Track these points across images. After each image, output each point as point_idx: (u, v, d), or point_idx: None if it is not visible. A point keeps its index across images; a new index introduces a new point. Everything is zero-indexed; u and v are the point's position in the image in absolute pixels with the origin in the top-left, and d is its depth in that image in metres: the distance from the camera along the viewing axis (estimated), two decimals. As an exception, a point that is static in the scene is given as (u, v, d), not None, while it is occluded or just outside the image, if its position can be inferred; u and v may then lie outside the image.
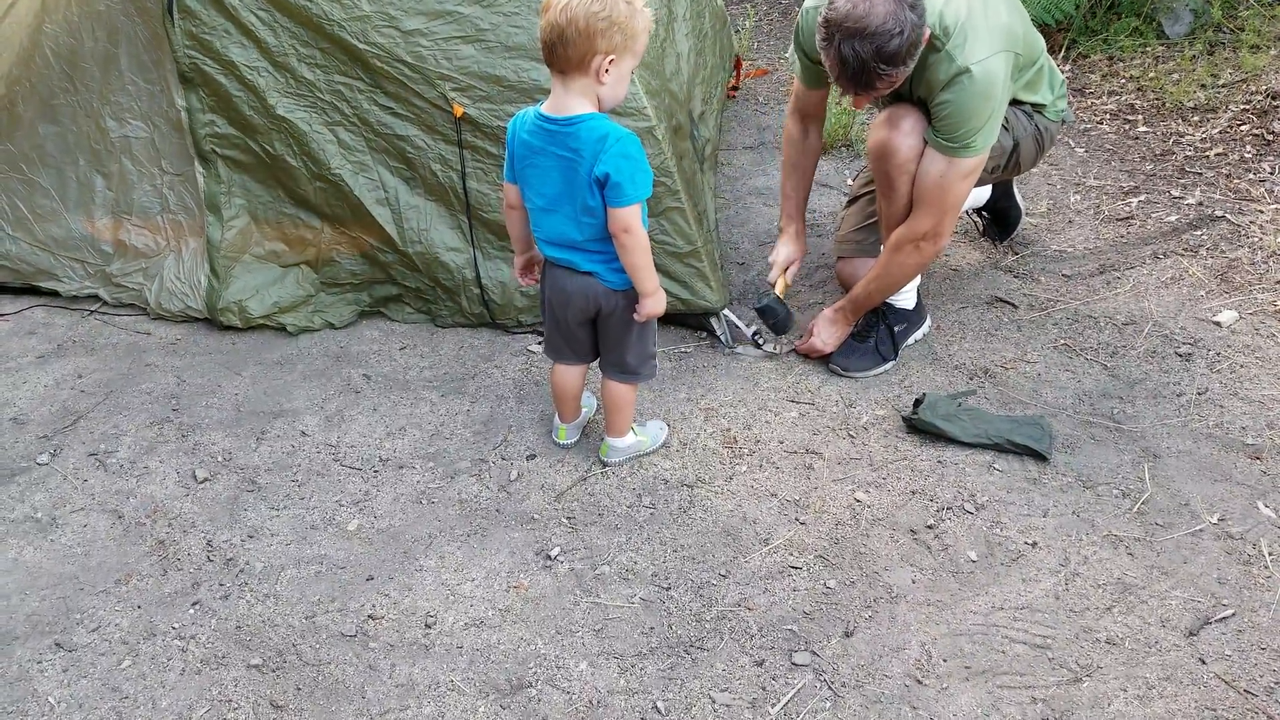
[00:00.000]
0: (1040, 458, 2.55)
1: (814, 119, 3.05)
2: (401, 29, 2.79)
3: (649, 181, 2.13)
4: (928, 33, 2.43)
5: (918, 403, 2.69)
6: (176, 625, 2.19)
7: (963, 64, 2.46)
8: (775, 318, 2.94)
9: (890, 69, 2.37)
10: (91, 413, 2.86)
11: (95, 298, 3.30)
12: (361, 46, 2.81)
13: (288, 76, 2.92)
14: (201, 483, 2.60)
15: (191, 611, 2.23)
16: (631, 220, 2.13)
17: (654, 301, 2.27)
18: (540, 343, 3.06)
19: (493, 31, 2.77)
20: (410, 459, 2.66)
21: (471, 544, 2.38)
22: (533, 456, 2.66)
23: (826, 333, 2.96)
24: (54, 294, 3.31)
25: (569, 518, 2.45)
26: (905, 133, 2.62)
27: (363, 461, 2.66)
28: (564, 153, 2.12)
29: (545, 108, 2.13)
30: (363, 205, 3.02)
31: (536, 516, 2.46)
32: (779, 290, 3.00)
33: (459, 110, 2.83)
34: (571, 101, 2.08)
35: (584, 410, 2.72)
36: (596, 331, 2.44)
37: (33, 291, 3.34)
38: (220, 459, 2.69)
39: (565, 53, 2.00)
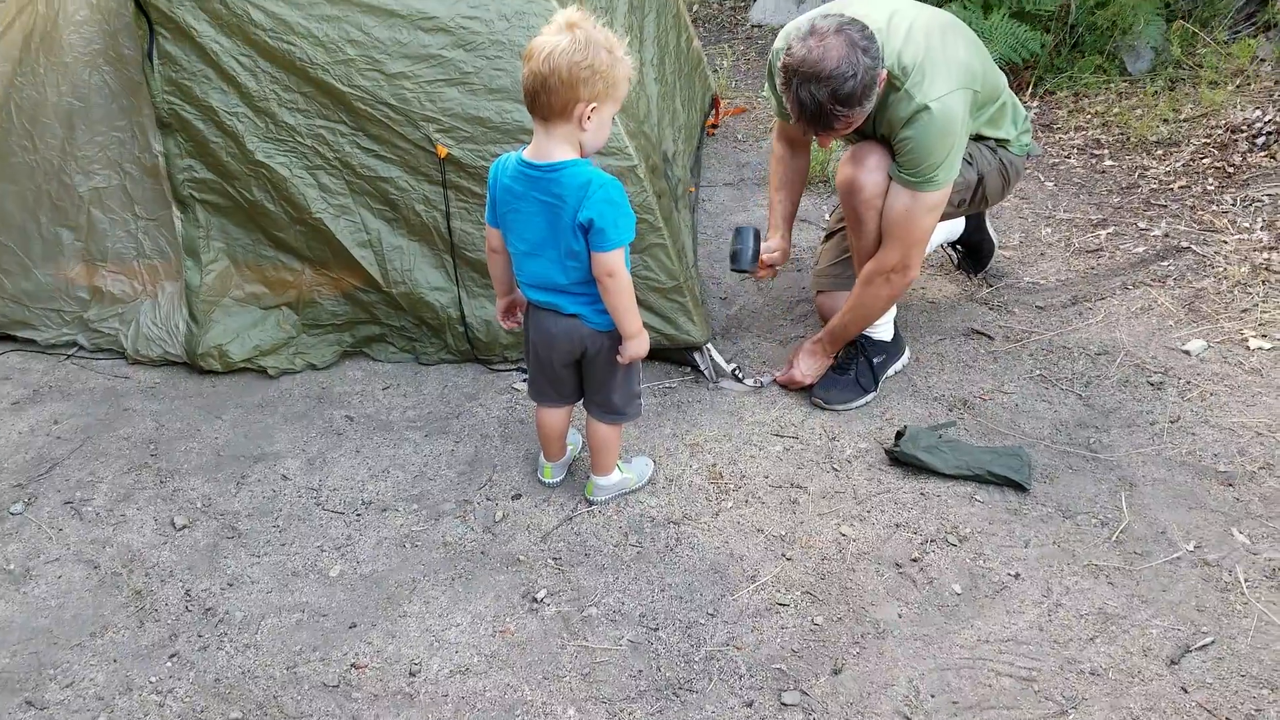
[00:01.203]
0: (1020, 488, 2.59)
1: (800, 145, 3.14)
2: (386, 72, 2.81)
3: (632, 225, 2.15)
4: (884, 74, 2.50)
5: (899, 435, 2.72)
6: (154, 679, 2.16)
7: (922, 101, 2.53)
8: (740, 241, 2.96)
9: (846, 110, 2.44)
10: (67, 459, 2.83)
11: (73, 343, 3.27)
12: (345, 90, 2.83)
13: (268, 121, 2.93)
14: (180, 530, 2.58)
15: (169, 664, 2.19)
16: (615, 264, 2.15)
17: (637, 344, 2.29)
18: (525, 380, 3.07)
19: (476, 75, 2.80)
20: (394, 501, 2.66)
21: (456, 588, 2.37)
22: (518, 496, 2.66)
23: (806, 364, 3.00)
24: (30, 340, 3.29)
25: (555, 558, 2.45)
26: (870, 169, 2.69)
27: (345, 505, 2.65)
28: (547, 198, 2.14)
29: (527, 153, 2.15)
30: (344, 248, 3.03)
31: (522, 558, 2.46)
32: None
33: (443, 151, 2.85)
34: (554, 147, 2.10)
35: (569, 448, 2.73)
36: (581, 373, 2.45)
37: (7, 338, 3.31)
38: (199, 505, 2.66)
39: (548, 100, 2.02)
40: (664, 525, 2.54)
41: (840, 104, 2.42)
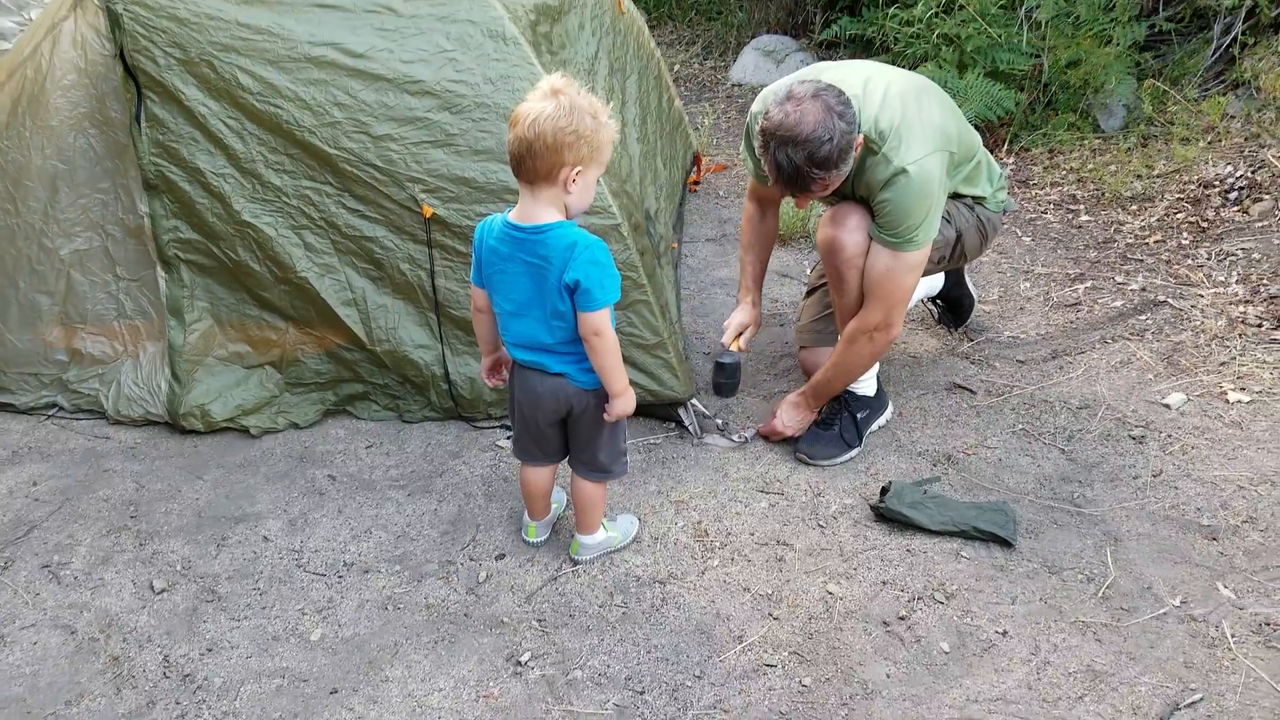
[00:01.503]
0: (1006, 544, 2.59)
1: (771, 204, 3.17)
2: (372, 134, 2.84)
3: (617, 285, 2.17)
4: (860, 138, 2.55)
5: (884, 491, 2.73)
6: (135, 746, 2.12)
7: (899, 165, 2.58)
8: (725, 375, 2.97)
9: (823, 173, 2.48)
10: (46, 522, 2.79)
11: (53, 404, 3.25)
12: (332, 151, 2.86)
13: (254, 182, 2.95)
14: (159, 594, 2.54)
15: (150, 731, 2.16)
16: (602, 324, 2.16)
17: (623, 402, 2.30)
18: (509, 438, 3.06)
19: (461, 136, 2.83)
20: (376, 562, 2.63)
21: (439, 651, 2.34)
22: (502, 556, 2.64)
23: (789, 416, 3.01)
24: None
25: (540, 620, 2.43)
26: (850, 229, 2.73)
27: (327, 567, 2.62)
28: (533, 259, 2.15)
29: (513, 215, 2.18)
30: (329, 306, 3.03)
31: (506, 620, 2.43)
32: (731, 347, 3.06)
33: (428, 211, 2.87)
34: (539, 210, 2.13)
35: (554, 507, 2.71)
36: (566, 431, 2.45)
37: (-13, 398, 3.29)
38: (179, 568, 2.63)
39: (534, 165, 2.06)
40: (649, 585, 2.52)
41: (817, 167, 2.47)
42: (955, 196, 2.90)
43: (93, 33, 3.03)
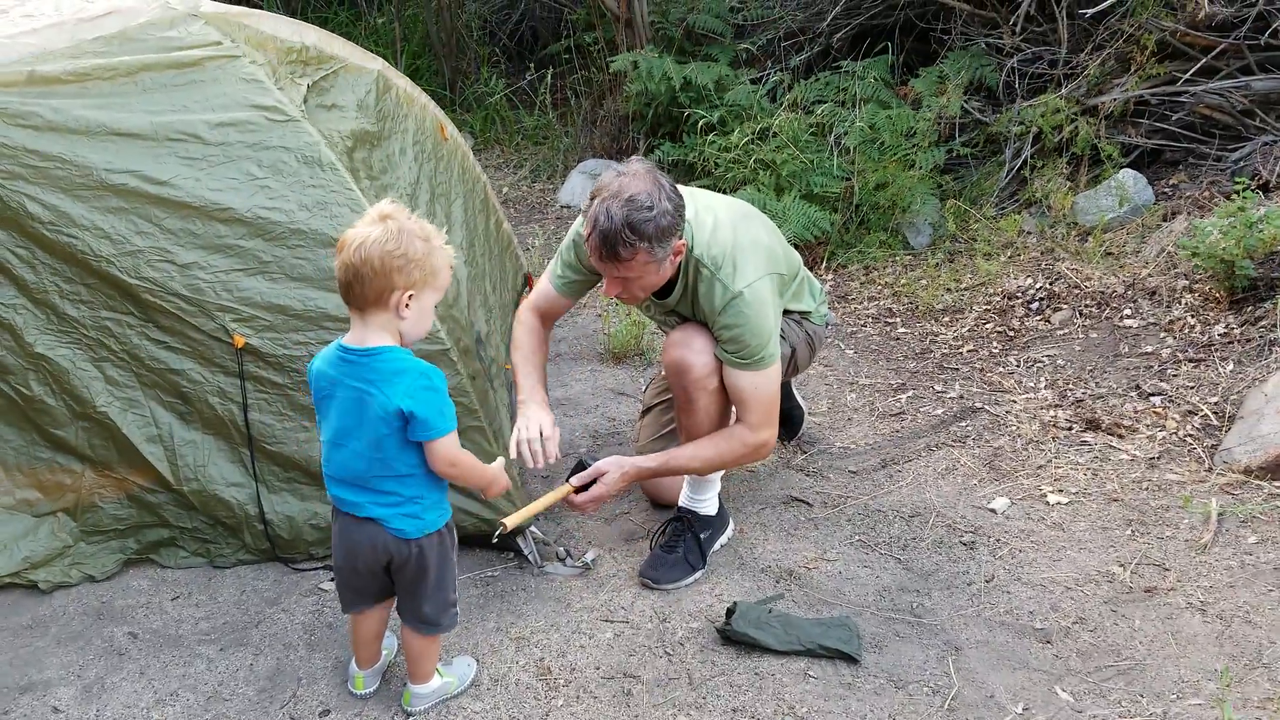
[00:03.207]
0: (851, 660, 2.57)
1: (549, 321, 3.10)
2: (177, 263, 2.68)
3: (454, 413, 2.11)
4: (682, 244, 2.60)
5: (729, 612, 2.67)
6: None
7: (736, 289, 2.65)
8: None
9: (635, 239, 2.46)
10: None
11: None
12: (132, 281, 2.67)
13: (49, 313, 2.73)
14: (-75, 784, 2.22)
15: None
16: (453, 453, 2.13)
17: (496, 487, 2.34)
18: (333, 580, 2.87)
19: (276, 264, 2.71)
20: (185, 727, 2.38)
21: (259, 824, 2.11)
22: (326, 713, 2.43)
23: (620, 486, 2.77)
24: None
25: (371, 779, 2.23)
26: (698, 351, 2.75)
27: (128, 736, 2.35)
28: (359, 384, 2.07)
29: (347, 339, 2.10)
30: (132, 443, 2.80)
31: (334, 782, 2.22)
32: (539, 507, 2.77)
33: (240, 340, 2.72)
34: (370, 335, 2.07)
35: (384, 654, 2.53)
36: (391, 577, 2.31)
37: None
38: (-50, 751, 2.31)
39: (362, 291, 2.01)
40: (490, 731, 2.37)
41: (631, 229, 2.45)
42: (785, 313, 2.97)
43: None
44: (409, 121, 3.41)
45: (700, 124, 5.55)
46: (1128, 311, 4.20)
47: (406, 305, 2.05)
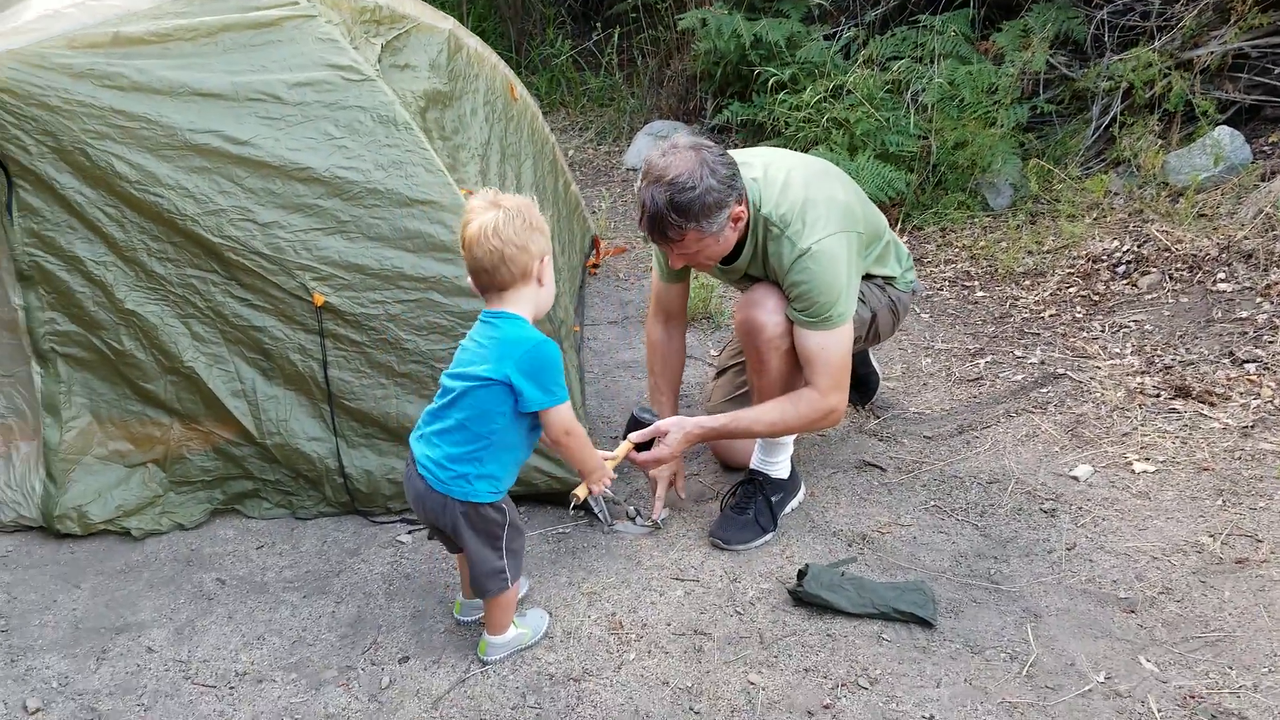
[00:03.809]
0: (926, 624, 2.54)
1: (676, 320, 3.09)
2: (258, 221, 2.73)
3: (564, 384, 2.22)
4: (740, 210, 2.56)
5: (801, 574, 2.66)
6: None
7: (803, 246, 2.60)
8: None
9: (681, 220, 2.45)
10: (-99, 643, 2.55)
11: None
12: (216, 240, 2.74)
13: (137, 270, 2.81)
14: (33, 714, 2.33)
15: None
16: (569, 422, 2.24)
17: (595, 478, 2.43)
18: (410, 532, 2.93)
19: (354, 223, 2.75)
20: (270, 671, 2.45)
21: (340, 766, 2.17)
22: (406, 659, 2.49)
23: (679, 446, 2.73)
24: None
25: (447, 727, 2.28)
26: (769, 311, 2.71)
27: (217, 678, 2.43)
28: (483, 341, 2.21)
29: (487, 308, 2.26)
30: (217, 397, 2.88)
31: (412, 728, 2.28)
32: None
33: (319, 299, 2.76)
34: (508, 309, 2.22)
35: None
36: None
37: None
38: (55, 685, 2.42)
39: (509, 271, 2.15)
40: (564, 683, 2.40)
41: (676, 212, 2.44)
42: (867, 277, 2.91)
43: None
44: (480, 81, 3.42)
45: (771, 82, 5.46)
46: (1221, 275, 4.05)
47: (541, 274, 2.20)
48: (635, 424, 2.75)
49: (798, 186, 2.66)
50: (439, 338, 2.81)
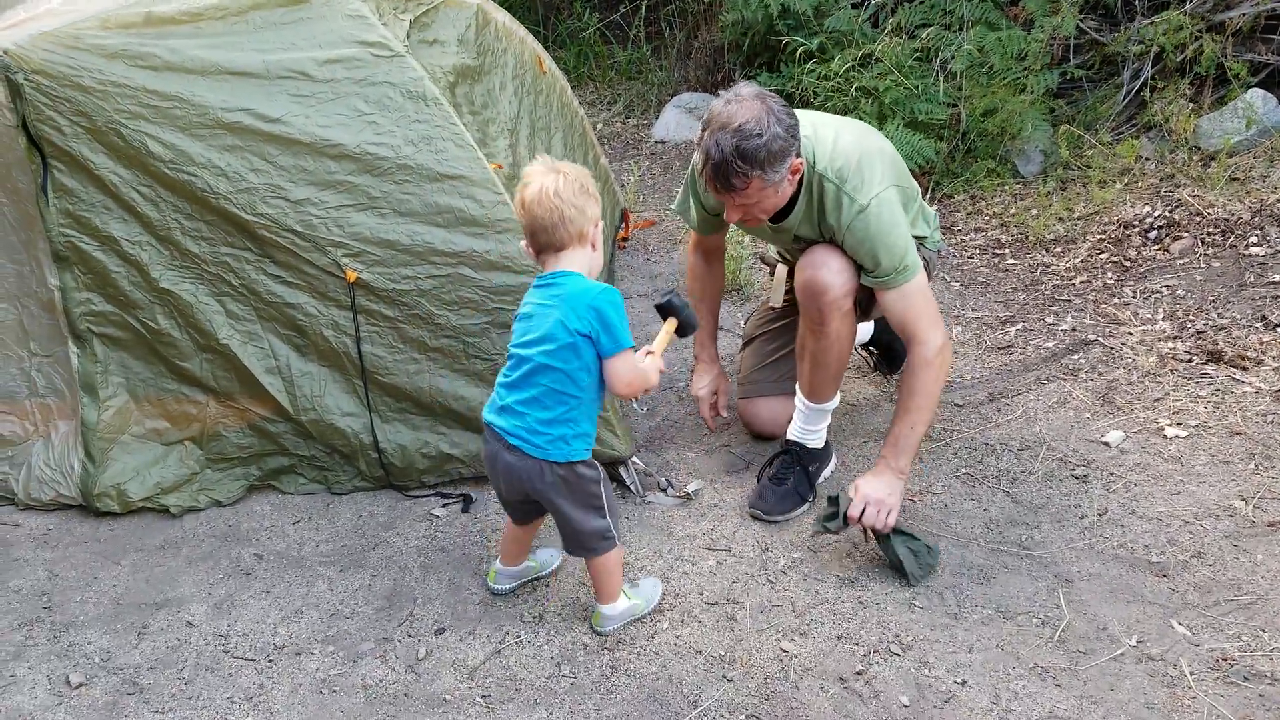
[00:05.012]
0: (905, 579, 2.57)
1: (715, 253, 3.17)
2: (290, 199, 2.76)
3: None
4: (799, 162, 2.54)
5: (832, 499, 2.65)
6: None
7: (863, 201, 2.58)
8: (677, 313, 2.58)
9: (747, 168, 2.43)
10: (-50, 618, 2.61)
11: (-44, 490, 3.06)
12: (249, 218, 2.76)
13: (172, 249, 2.84)
14: (76, 689, 2.38)
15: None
16: (630, 372, 2.28)
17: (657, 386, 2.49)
18: (445, 506, 2.97)
19: (385, 199, 2.77)
20: (308, 644, 2.49)
21: (381, 734, 2.22)
22: (441, 630, 2.52)
23: (886, 492, 2.61)
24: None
25: (484, 696, 2.31)
26: (835, 271, 2.67)
27: (256, 651, 2.48)
28: (547, 301, 2.27)
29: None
30: (252, 374, 2.92)
31: (449, 698, 2.31)
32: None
33: (352, 275, 2.79)
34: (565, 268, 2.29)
35: (529, 564, 2.62)
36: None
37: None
38: (97, 660, 2.47)
39: (566, 231, 2.23)
40: (597, 653, 2.43)
41: (742, 159, 2.42)
42: None
43: (-6, 103, 2.91)
44: (508, 56, 3.42)
45: (799, 52, 5.41)
46: (1254, 239, 4.00)
47: (595, 238, 2.28)
48: (667, 309, 2.59)
49: (849, 140, 2.65)
50: (470, 312, 2.83)
